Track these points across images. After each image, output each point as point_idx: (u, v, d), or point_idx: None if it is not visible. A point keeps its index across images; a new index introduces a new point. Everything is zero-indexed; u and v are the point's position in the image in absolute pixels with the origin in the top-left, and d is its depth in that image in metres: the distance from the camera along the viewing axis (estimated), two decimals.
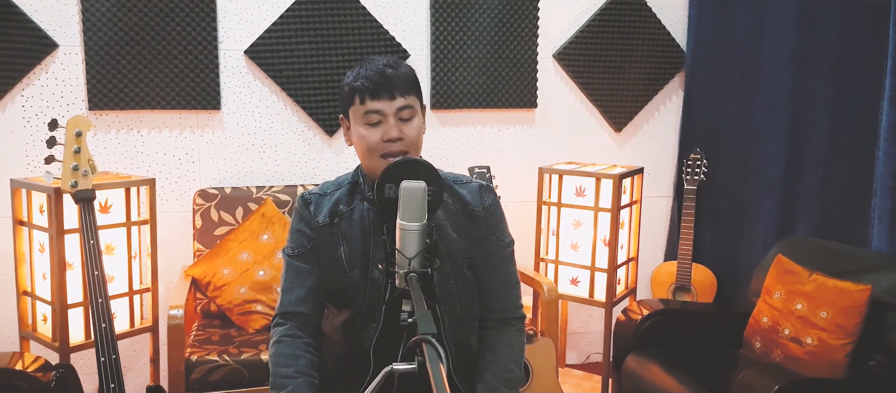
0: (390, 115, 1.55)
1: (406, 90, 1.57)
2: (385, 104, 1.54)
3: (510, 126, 3.26)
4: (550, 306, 2.54)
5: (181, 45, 2.79)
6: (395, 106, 1.55)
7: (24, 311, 2.35)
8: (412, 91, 1.59)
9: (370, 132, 1.55)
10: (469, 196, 1.69)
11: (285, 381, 1.53)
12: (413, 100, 1.58)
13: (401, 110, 1.55)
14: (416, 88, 1.61)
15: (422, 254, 1.33)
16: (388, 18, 3.02)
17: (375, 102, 1.54)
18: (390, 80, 1.55)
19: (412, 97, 1.58)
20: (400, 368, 1.06)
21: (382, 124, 1.55)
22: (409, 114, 1.57)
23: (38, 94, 2.71)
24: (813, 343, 2.36)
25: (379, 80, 1.54)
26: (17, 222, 2.31)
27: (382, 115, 1.54)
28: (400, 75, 1.57)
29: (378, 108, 1.54)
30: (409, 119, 1.57)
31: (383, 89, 1.54)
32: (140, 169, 2.83)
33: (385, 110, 1.54)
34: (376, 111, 1.54)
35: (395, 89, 1.55)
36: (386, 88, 1.54)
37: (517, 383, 1.68)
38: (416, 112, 1.59)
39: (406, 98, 1.56)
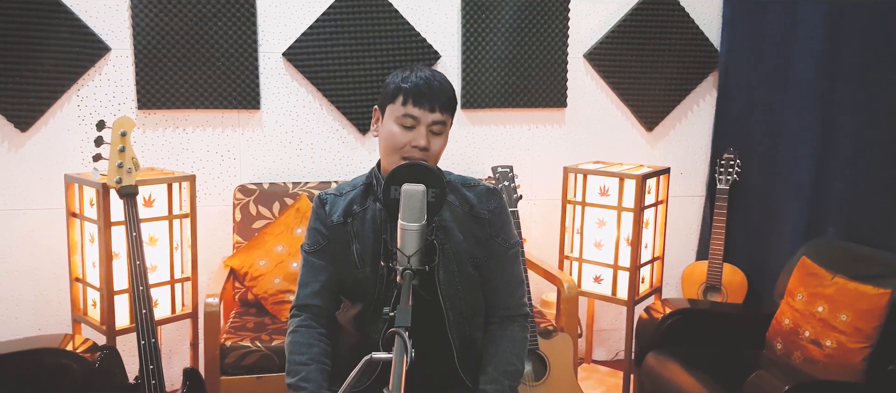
0: (424, 125, 1.64)
1: (445, 107, 1.66)
2: (423, 113, 1.64)
3: (540, 125, 3.32)
4: (570, 303, 2.60)
5: (223, 48, 2.95)
6: (432, 118, 1.64)
7: (76, 296, 2.54)
8: (449, 109, 1.68)
9: (402, 133, 1.65)
10: (475, 199, 1.78)
11: (299, 367, 1.65)
12: (448, 118, 1.68)
13: (434, 124, 1.65)
14: (453, 107, 1.70)
15: (420, 252, 1.42)
16: (420, 21, 3.12)
17: (415, 109, 1.64)
18: (434, 93, 1.64)
19: (447, 115, 1.68)
20: (379, 356, 1.16)
21: (414, 130, 1.64)
22: (439, 129, 1.67)
23: (91, 94, 2.90)
24: (832, 346, 2.36)
25: (426, 89, 1.64)
26: (70, 214, 2.50)
27: (417, 121, 1.64)
28: (444, 91, 1.67)
29: (416, 114, 1.64)
30: (439, 133, 1.67)
31: (426, 99, 1.63)
32: (184, 165, 3.01)
33: (421, 119, 1.64)
34: (413, 116, 1.64)
35: (437, 103, 1.64)
36: (429, 99, 1.64)
37: (517, 376, 1.76)
38: (445, 129, 1.69)
39: (442, 114, 1.66)
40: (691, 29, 3.37)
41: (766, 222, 3.24)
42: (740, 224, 3.37)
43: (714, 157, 3.43)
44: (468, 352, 1.77)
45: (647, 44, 3.34)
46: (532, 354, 2.46)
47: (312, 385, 1.62)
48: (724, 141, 3.39)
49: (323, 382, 1.64)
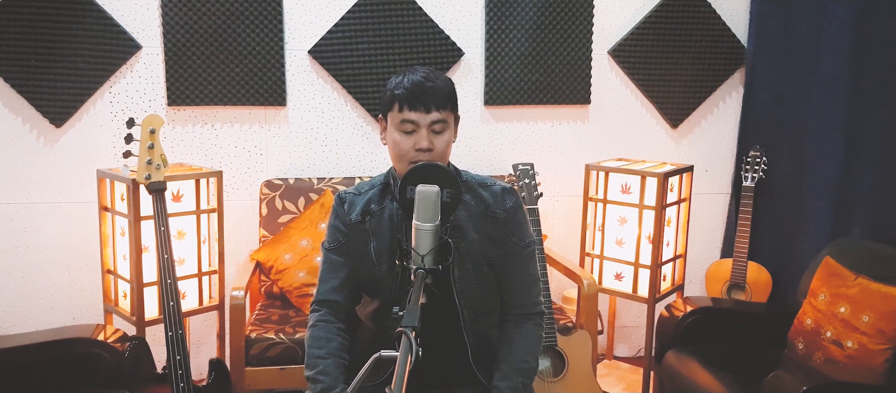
0: (424, 127, 1.67)
1: (441, 105, 1.68)
2: (420, 116, 1.66)
3: (563, 122, 3.32)
4: (589, 300, 2.62)
5: (251, 45, 3.01)
6: (430, 119, 1.67)
7: (108, 287, 2.63)
8: (447, 106, 1.70)
9: (404, 139, 1.68)
10: (491, 199, 1.80)
11: (317, 361, 1.70)
12: (447, 114, 1.70)
13: (434, 124, 1.67)
14: (451, 103, 1.72)
15: (434, 251, 1.45)
16: (444, 18, 3.14)
17: (412, 113, 1.66)
18: (428, 94, 1.66)
19: (446, 112, 1.70)
20: (387, 354, 1.19)
21: (415, 134, 1.67)
22: (441, 127, 1.69)
23: (123, 91, 2.99)
24: (853, 347, 2.35)
25: (418, 92, 1.66)
26: (102, 208, 2.58)
27: (416, 125, 1.67)
28: (438, 90, 1.68)
29: (413, 118, 1.67)
30: (440, 132, 1.69)
31: (421, 102, 1.66)
32: (212, 160, 3.08)
33: (419, 122, 1.67)
34: (411, 121, 1.67)
35: (432, 103, 1.67)
36: (423, 101, 1.66)
37: (531, 373, 1.79)
38: (447, 126, 1.71)
39: (440, 112, 1.68)
40: (718, 25, 3.34)
41: (791, 221, 3.21)
42: (766, 222, 3.34)
43: (740, 154, 3.40)
44: (483, 349, 1.80)
45: (673, 40, 3.32)
46: (550, 350, 2.49)
47: (329, 379, 1.66)
48: (751, 138, 3.36)
49: (339, 375, 1.68)
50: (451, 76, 3.19)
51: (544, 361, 2.51)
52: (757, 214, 3.28)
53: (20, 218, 2.98)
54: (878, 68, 2.72)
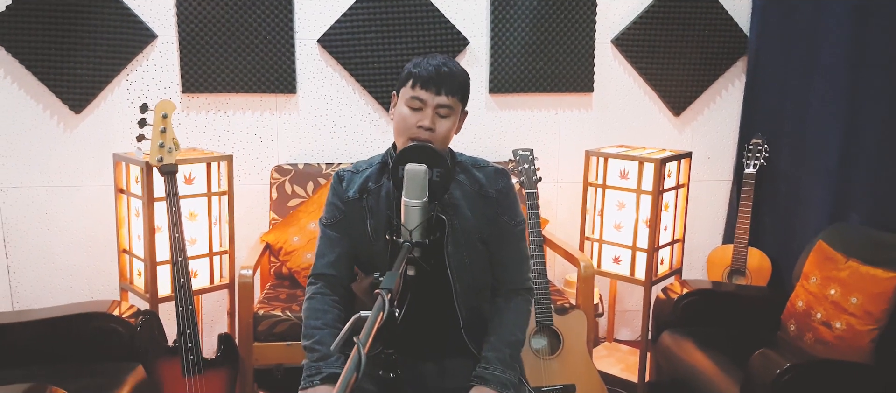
0: (430, 107, 1.75)
1: (452, 91, 1.76)
2: (430, 96, 1.74)
3: (567, 110, 3.39)
4: (586, 282, 2.69)
5: (262, 34, 3.11)
6: (438, 101, 1.74)
7: (124, 266, 2.75)
8: (457, 94, 1.77)
9: (410, 115, 1.76)
10: (484, 179, 1.88)
11: (314, 331, 1.79)
12: (455, 102, 1.77)
13: (440, 107, 1.75)
14: (462, 93, 1.79)
15: (422, 226, 1.54)
16: (450, 7, 3.22)
17: (423, 91, 1.74)
18: (442, 78, 1.74)
19: (455, 99, 1.77)
20: (365, 314, 1.27)
21: (421, 112, 1.75)
22: (446, 112, 1.76)
23: (139, 78, 3.10)
24: (842, 328, 2.40)
25: (433, 73, 1.74)
26: (118, 190, 2.70)
27: (424, 103, 1.75)
28: (452, 77, 1.76)
29: (423, 97, 1.75)
30: (445, 116, 1.77)
31: (433, 83, 1.74)
32: (225, 146, 3.19)
33: (428, 101, 1.75)
34: (421, 99, 1.75)
35: (443, 87, 1.74)
36: (436, 83, 1.74)
37: (518, 346, 1.87)
38: (452, 112, 1.77)
39: (449, 98, 1.75)
40: (720, 14, 3.39)
41: (791, 207, 3.25)
42: (767, 209, 3.38)
43: (742, 141, 3.45)
44: (475, 322, 1.89)
45: (676, 29, 3.37)
46: (547, 328, 2.57)
47: (325, 348, 1.75)
48: (753, 126, 3.40)
49: None
50: None
51: (541, 339, 2.59)
52: (758, 200, 3.33)
53: (41, 201, 3.12)
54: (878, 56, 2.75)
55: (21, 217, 3.12)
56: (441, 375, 1.87)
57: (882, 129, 2.78)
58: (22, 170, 3.09)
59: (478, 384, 1.76)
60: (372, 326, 1.14)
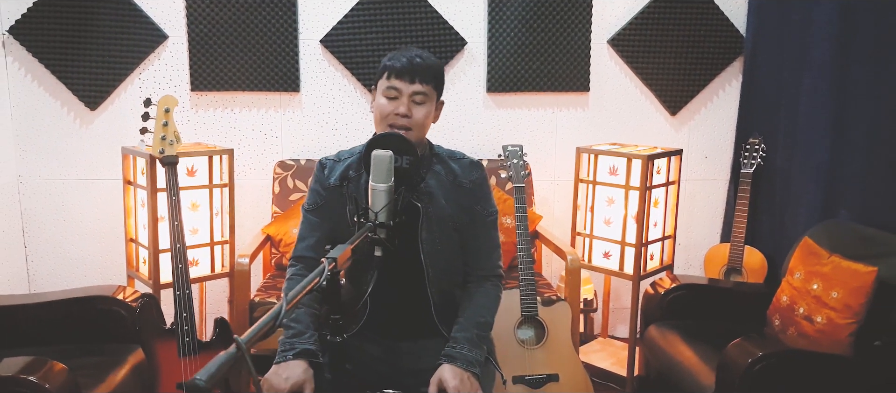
0: (405, 95, 1.85)
1: (425, 79, 1.85)
2: (404, 85, 1.84)
3: (563, 109, 3.46)
4: (573, 275, 2.76)
5: (267, 35, 3.24)
6: (412, 89, 1.84)
7: (130, 254, 2.89)
8: (430, 82, 1.86)
9: (387, 104, 1.86)
10: (459, 170, 1.97)
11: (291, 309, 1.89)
12: (429, 89, 1.86)
13: (415, 95, 1.85)
14: (435, 81, 1.88)
15: (387, 209, 1.63)
16: (448, 9, 3.32)
17: (397, 81, 1.84)
18: (414, 68, 1.84)
19: (429, 87, 1.86)
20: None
21: (397, 100, 1.85)
22: (421, 99, 1.86)
23: (151, 77, 3.25)
24: (822, 322, 2.43)
25: (406, 64, 1.84)
26: (126, 182, 2.84)
27: (400, 92, 1.85)
28: (424, 66, 1.85)
29: (398, 86, 1.84)
30: (420, 103, 1.86)
31: (406, 73, 1.84)
32: (231, 141, 3.32)
33: (402, 90, 1.84)
34: (396, 88, 1.85)
35: (416, 75, 1.84)
36: (408, 73, 1.84)
37: (486, 327, 1.95)
38: (427, 99, 1.86)
39: (423, 86, 1.85)
40: (716, 15, 3.43)
41: (785, 206, 3.27)
42: (763, 208, 3.41)
43: (739, 141, 3.48)
44: (446, 306, 1.97)
45: (671, 30, 3.42)
46: (532, 319, 2.63)
47: (301, 325, 1.85)
48: (749, 125, 3.43)
49: (310, 323, 1.87)
50: (455, 65, 3.37)
51: (527, 330, 2.66)
52: (755, 199, 3.36)
53: (57, 193, 3.28)
54: (865, 53, 2.78)
55: (39, 208, 3.28)
56: (414, 355, 1.95)
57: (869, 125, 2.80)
58: (40, 163, 3.25)
59: (445, 362, 1.84)
60: (305, 286, 1.22)
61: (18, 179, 3.26)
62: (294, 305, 1.20)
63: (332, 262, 1.35)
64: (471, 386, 1.80)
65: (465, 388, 1.78)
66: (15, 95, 3.19)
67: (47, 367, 2.01)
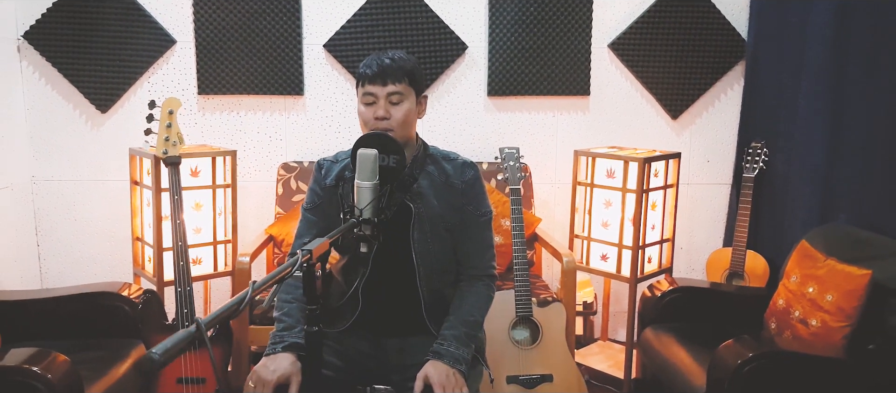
0: (382, 98, 1.89)
1: (398, 79, 1.90)
2: (378, 88, 1.89)
3: (564, 112, 3.49)
4: (568, 276, 2.78)
5: (272, 40, 3.31)
6: (386, 91, 1.89)
7: (137, 252, 2.96)
8: (404, 80, 1.90)
9: (366, 110, 1.92)
10: (452, 170, 2.01)
11: (284, 304, 1.94)
12: (404, 87, 1.90)
13: (391, 95, 1.89)
14: (410, 78, 1.91)
15: (372, 205, 1.68)
16: (449, 14, 3.37)
17: (371, 86, 1.89)
18: (385, 70, 1.89)
19: (403, 85, 1.90)
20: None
21: (375, 105, 1.90)
22: (397, 98, 1.90)
23: (160, 81, 3.33)
24: (817, 325, 2.44)
25: (376, 69, 1.89)
26: (133, 182, 2.92)
27: (375, 97, 1.90)
28: (395, 67, 1.90)
29: (372, 90, 1.90)
30: (397, 103, 1.91)
31: (378, 77, 1.89)
32: (237, 143, 3.39)
33: (378, 94, 1.89)
34: (371, 93, 1.90)
35: (388, 78, 1.89)
36: (380, 76, 1.89)
37: (476, 326, 1.98)
38: (404, 97, 1.91)
39: (397, 85, 1.89)
40: (718, 19, 3.44)
41: (787, 210, 3.27)
42: (766, 212, 3.41)
43: (741, 145, 3.48)
44: (436, 304, 2.00)
45: (672, 34, 3.44)
46: (527, 320, 2.66)
47: (292, 319, 1.90)
48: (751, 130, 3.44)
49: (301, 317, 1.92)
50: (456, 68, 3.41)
51: (522, 331, 2.68)
52: (757, 204, 3.36)
53: (69, 193, 3.37)
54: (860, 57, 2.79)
55: (51, 208, 3.37)
56: (403, 352, 1.99)
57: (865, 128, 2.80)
58: (53, 164, 3.34)
59: (433, 358, 1.88)
60: (274, 275, 1.27)
61: (32, 180, 3.35)
62: (261, 290, 1.24)
63: (306, 253, 1.39)
64: (456, 382, 1.83)
65: (451, 384, 1.82)
66: (29, 98, 3.29)
67: (50, 358, 2.08)
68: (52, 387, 1.99)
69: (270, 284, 1.27)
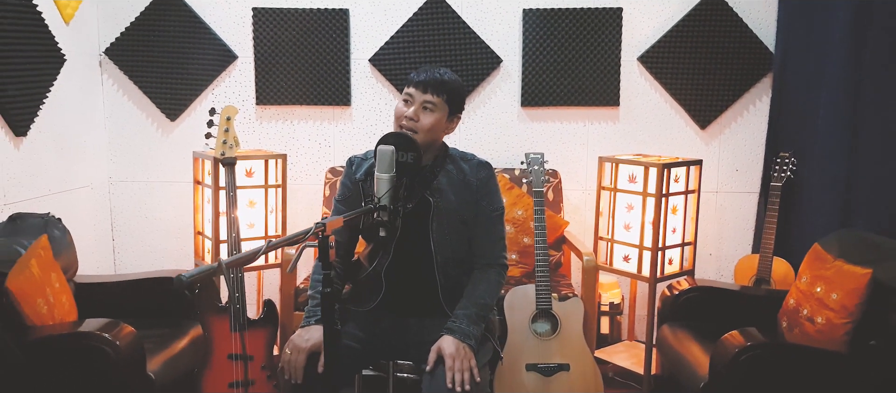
0: (417, 102, 2.15)
1: (438, 92, 2.14)
2: (418, 93, 2.15)
3: (594, 122, 3.67)
4: (588, 274, 2.96)
5: (322, 55, 3.62)
6: (423, 98, 2.14)
7: (198, 245, 3.30)
8: (442, 94, 2.14)
9: (401, 107, 2.17)
10: (468, 169, 2.25)
11: (316, 284, 2.20)
12: (439, 101, 2.14)
13: (426, 103, 2.14)
14: (449, 95, 2.15)
15: (389, 194, 1.92)
16: (485, 30, 3.61)
17: (413, 89, 2.15)
18: (429, 81, 2.14)
19: (439, 98, 2.14)
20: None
21: (410, 104, 2.16)
22: (431, 107, 2.14)
23: (223, 92, 3.69)
24: (822, 322, 2.55)
25: (424, 77, 2.15)
26: (196, 182, 3.26)
27: (412, 99, 2.15)
28: (440, 81, 2.15)
29: (412, 93, 2.15)
30: (429, 110, 2.15)
31: (422, 84, 2.14)
32: (289, 149, 3.70)
33: (416, 97, 2.15)
34: (411, 95, 2.16)
35: (429, 88, 2.14)
36: (423, 84, 2.14)
37: (487, 308, 2.20)
38: (437, 109, 2.14)
39: (434, 97, 2.14)
40: (745, 33, 3.57)
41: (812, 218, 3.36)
42: (793, 220, 3.50)
43: (768, 155, 3.58)
44: (452, 289, 2.23)
45: (700, 48, 3.58)
46: (547, 313, 2.85)
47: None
48: (779, 140, 3.53)
49: None
50: (491, 81, 3.65)
51: (544, 324, 2.87)
52: (784, 212, 3.45)
53: (141, 194, 3.75)
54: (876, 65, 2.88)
55: (125, 206, 3.76)
56: (421, 330, 2.22)
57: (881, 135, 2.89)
58: (128, 167, 3.73)
59: (445, 333, 2.10)
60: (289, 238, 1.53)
61: (109, 181, 3.75)
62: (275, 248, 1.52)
63: (321, 225, 1.64)
64: (466, 354, 2.05)
65: (460, 355, 2.04)
66: (108, 108, 3.69)
67: (119, 328, 2.40)
68: (119, 351, 2.31)
69: (284, 244, 1.53)
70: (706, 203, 3.69)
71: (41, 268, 2.50)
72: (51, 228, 2.80)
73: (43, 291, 2.46)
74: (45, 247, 2.59)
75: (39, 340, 2.31)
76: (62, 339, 2.35)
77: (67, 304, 2.61)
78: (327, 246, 1.68)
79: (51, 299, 2.48)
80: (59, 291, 2.58)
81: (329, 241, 1.69)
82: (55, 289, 2.55)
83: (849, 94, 3.00)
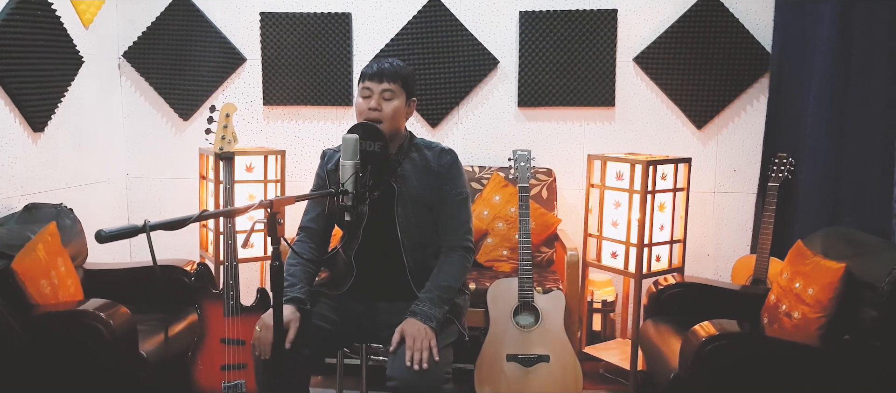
0: (376, 93, 2.26)
1: (392, 79, 2.27)
2: (374, 85, 2.27)
3: (590, 122, 3.73)
4: (571, 268, 3.02)
5: (326, 58, 3.76)
6: (381, 87, 2.26)
7: (203, 237, 3.46)
8: (397, 81, 2.27)
9: (362, 102, 2.29)
10: (431, 156, 2.34)
11: (291, 267, 2.32)
12: (396, 87, 2.26)
13: (384, 92, 2.26)
14: (402, 81, 2.28)
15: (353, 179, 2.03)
16: (482, 32, 3.70)
17: (369, 83, 2.27)
18: (382, 70, 2.27)
19: (395, 85, 2.26)
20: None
21: (370, 98, 2.27)
22: (389, 95, 2.27)
23: (232, 93, 3.86)
24: (798, 317, 2.56)
25: (376, 69, 2.28)
26: (200, 177, 3.42)
27: (371, 91, 2.27)
28: (392, 69, 2.28)
29: (369, 86, 2.27)
30: (389, 99, 2.27)
31: (376, 75, 2.27)
32: (294, 147, 3.85)
33: (373, 88, 2.27)
34: (368, 88, 2.27)
35: (384, 77, 2.26)
36: (377, 75, 2.27)
37: (450, 291, 2.28)
38: (395, 96, 2.26)
39: (390, 84, 2.26)
40: (741, 34, 3.58)
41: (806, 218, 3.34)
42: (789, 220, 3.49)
43: (766, 155, 3.58)
44: (419, 271, 2.33)
45: (696, 48, 3.61)
46: (529, 305, 2.92)
47: (295, 278, 2.28)
48: (776, 140, 3.53)
49: (304, 277, 2.29)
50: (488, 82, 3.74)
51: (527, 316, 2.94)
52: (781, 212, 3.44)
53: (155, 189, 3.95)
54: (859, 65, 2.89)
55: (141, 200, 3.97)
56: (390, 313, 2.32)
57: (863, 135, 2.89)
58: (143, 164, 3.93)
59: (409, 317, 2.20)
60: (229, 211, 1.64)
61: (126, 177, 3.95)
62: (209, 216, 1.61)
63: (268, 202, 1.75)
64: (426, 336, 2.14)
65: (420, 336, 2.13)
66: (126, 108, 3.90)
67: (115, 309, 2.56)
68: (113, 330, 2.46)
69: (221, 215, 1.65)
70: (704, 203, 3.71)
71: (47, 252, 2.68)
72: (62, 218, 2.99)
73: (47, 273, 2.63)
74: (53, 233, 2.77)
75: (40, 317, 2.49)
76: (60, 316, 2.52)
77: (73, 287, 2.78)
78: (275, 222, 1.79)
79: (55, 282, 2.65)
80: (65, 275, 2.75)
81: (278, 218, 1.79)
82: (61, 272, 2.72)
83: (835, 93, 3.01)
